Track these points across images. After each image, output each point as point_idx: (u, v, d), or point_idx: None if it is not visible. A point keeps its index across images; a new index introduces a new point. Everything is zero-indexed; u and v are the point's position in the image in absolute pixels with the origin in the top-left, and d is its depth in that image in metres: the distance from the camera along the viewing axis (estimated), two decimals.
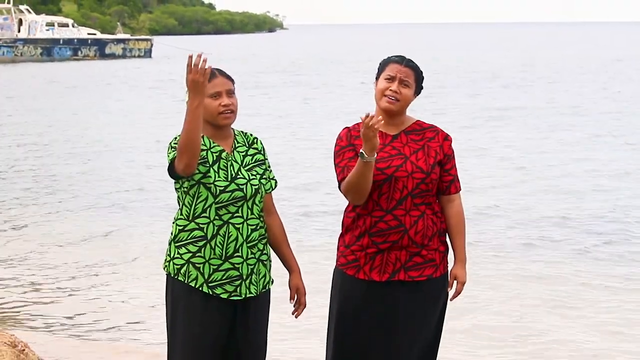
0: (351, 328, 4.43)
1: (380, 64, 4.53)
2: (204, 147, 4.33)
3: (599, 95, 31.98)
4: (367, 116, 4.17)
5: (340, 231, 4.55)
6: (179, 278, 4.33)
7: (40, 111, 29.21)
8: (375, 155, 4.24)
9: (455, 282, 4.53)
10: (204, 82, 4.12)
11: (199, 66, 4.09)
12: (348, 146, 4.46)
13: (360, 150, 4.24)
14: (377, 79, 4.52)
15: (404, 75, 4.45)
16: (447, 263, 4.53)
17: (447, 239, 4.55)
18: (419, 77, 4.50)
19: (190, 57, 4.11)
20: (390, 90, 4.43)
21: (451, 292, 4.55)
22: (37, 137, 22.50)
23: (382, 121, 4.21)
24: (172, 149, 4.30)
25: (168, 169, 4.33)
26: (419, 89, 4.52)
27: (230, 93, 4.37)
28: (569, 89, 35.05)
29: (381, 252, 4.40)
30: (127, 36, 77.67)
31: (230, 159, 4.36)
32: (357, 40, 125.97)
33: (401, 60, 4.49)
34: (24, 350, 5.23)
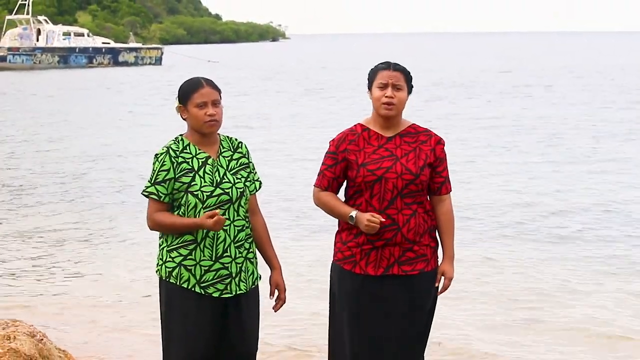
0: (349, 319, 4.44)
1: (369, 73, 4.54)
2: (190, 155, 4.34)
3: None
4: (373, 222, 4.29)
5: (337, 229, 4.56)
6: (171, 280, 4.34)
7: (58, 114, 29.25)
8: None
9: (442, 277, 4.54)
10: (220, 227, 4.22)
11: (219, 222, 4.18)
12: (332, 153, 4.49)
13: (352, 215, 4.36)
14: (369, 88, 4.53)
15: (395, 79, 4.45)
16: (438, 257, 4.55)
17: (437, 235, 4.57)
18: (408, 78, 4.51)
19: (218, 217, 4.18)
20: (386, 97, 4.44)
21: (439, 287, 4.55)
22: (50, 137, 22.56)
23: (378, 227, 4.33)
24: (153, 179, 4.32)
25: (143, 192, 4.36)
26: (410, 88, 4.52)
27: (216, 103, 4.38)
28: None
29: (376, 249, 4.41)
30: (139, 45, 77.65)
31: (216, 164, 4.36)
32: (356, 49, 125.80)
33: (388, 66, 4.49)
34: (42, 339, 5.24)
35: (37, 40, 66.88)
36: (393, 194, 4.39)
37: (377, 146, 4.46)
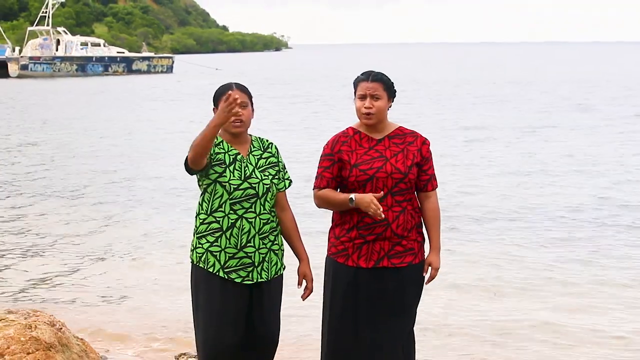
0: (343, 309, 4.46)
1: (353, 82, 4.54)
2: (222, 150, 4.39)
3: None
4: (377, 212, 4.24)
5: (331, 224, 4.58)
6: (200, 265, 4.40)
7: (76, 117, 29.27)
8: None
9: (429, 268, 4.56)
10: (229, 117, 4.17)
11: (231, 105, 4.13)
12: (329, 155, 4.49)
13: (352, 197, 4.32)
14: (355, 96, 4.54)
15: (372, 90, 4.45)
16: (425, 251, 4.57)
17: (424, 230, 4.58)
18: (387, 85, 4.48)
19: (229, 95, 4.13)
20: (365, 107, 4.46)
21: (426, 277, 4.57)
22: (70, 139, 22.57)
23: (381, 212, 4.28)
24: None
25: (184, 164, 4.39)
26: (392, 95, 4.51)
27: (245, 105, 4.42)
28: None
29: (367, 243, 4.43)
30: (152, 54, 77.65)
31: (245, 161, 4.41)
32: (355, 58, 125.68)
33: (367, 77, 4.48)
34: (61, 328, 5.26)
35: (57, 50, 66.96)
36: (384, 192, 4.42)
37: (368, 148, 4.48)
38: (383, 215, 4.27)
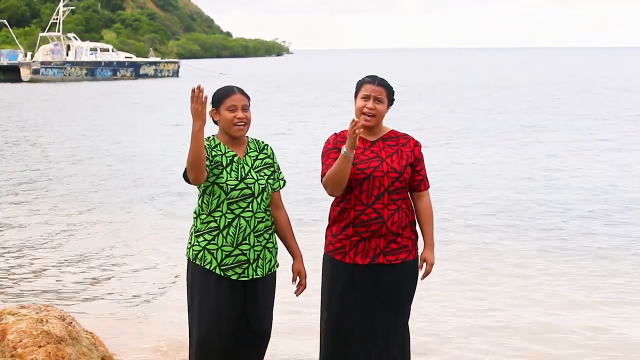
0: (341, 305, 4.46)
1: (356, 84, 4.56)
2: (220, 153, 4.39)
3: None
4: (354, 121, 4.22)
5: (328, 223, 4.58)
6: (197, 262, 4.39)
7: (86, 120, 29.29)
8: (353, 152, 4.28)
9: (424, 264, 4.58)
10: (203, 110, 4.18)
11: (199, 96, 4.15)
12: (333, 149, 4.49)
13: (342, 147, 4.30)
14: (355, 97, 4.56)
15: (377, 93, 4.48)
16: (418, 248, 4.58)
17: (417, 228, 4.59)
18: (389, 92, 4.53)
19: (193, 90, 4.15)
20: (367, 108, 4.47)
21: (421, 273, 4.59)
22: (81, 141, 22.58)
23: (361, 129, 4.25)
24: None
25: (183, 175, 4.40)
26: (391, 101, 4.55)
27: (245, 108, 4.43)
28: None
29: (363, 240, 4.44)
30: (158, 59, 77.71)
31: (241, 162, 4.42)
32: (352, 63, 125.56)
33: (373, 80, 4.51)
34: (71, 322, 5.27)
35: (67, 55, 67.01)
36: (380, 191, 4.42)
37: (364, 148, 4.49)
38: (360, 128, 4.19)
